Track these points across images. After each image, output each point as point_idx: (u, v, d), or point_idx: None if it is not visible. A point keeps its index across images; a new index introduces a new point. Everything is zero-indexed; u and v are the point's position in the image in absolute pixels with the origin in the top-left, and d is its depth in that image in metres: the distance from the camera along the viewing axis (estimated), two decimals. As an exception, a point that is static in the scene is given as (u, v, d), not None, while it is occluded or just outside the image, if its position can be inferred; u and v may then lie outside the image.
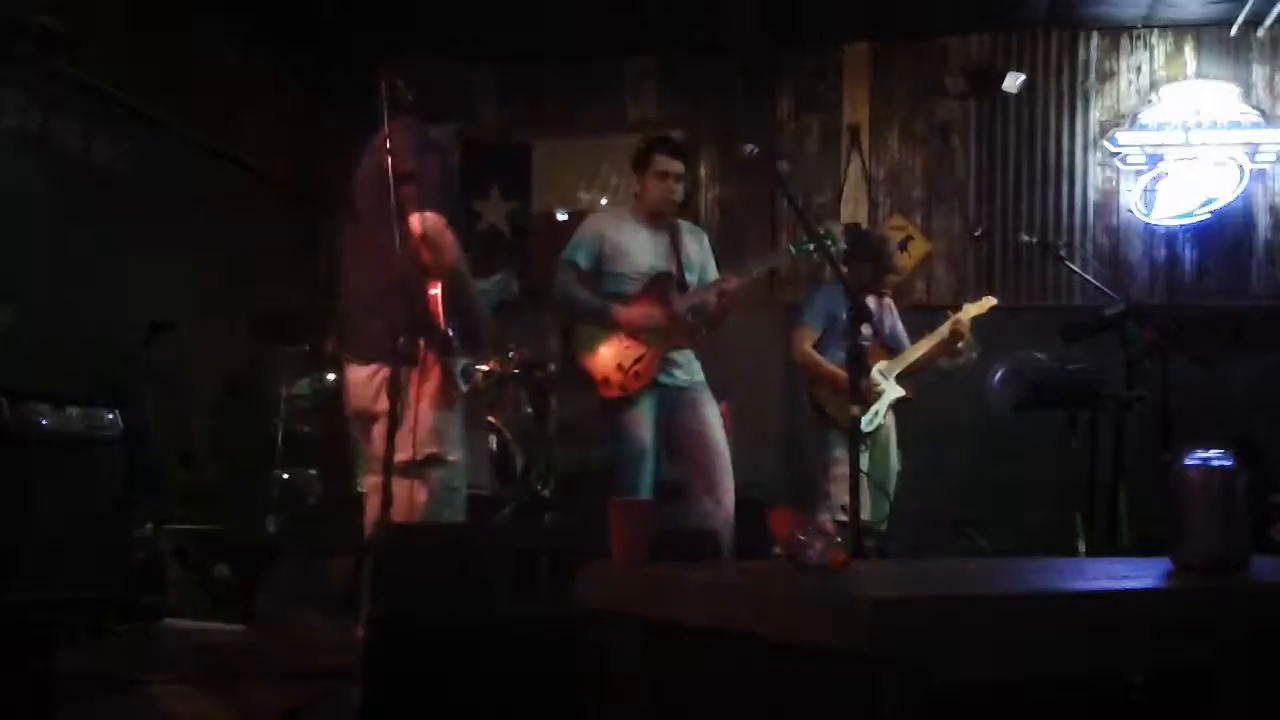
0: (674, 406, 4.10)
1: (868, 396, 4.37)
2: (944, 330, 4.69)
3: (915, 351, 4.74)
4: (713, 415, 4.15)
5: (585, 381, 4.12)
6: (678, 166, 4.14)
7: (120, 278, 5.18)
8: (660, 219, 4.19)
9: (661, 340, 4.04)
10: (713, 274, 4.25)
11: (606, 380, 4.05)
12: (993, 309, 4.82)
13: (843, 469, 4.35)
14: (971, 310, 4.75)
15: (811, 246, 4.04)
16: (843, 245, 4.24)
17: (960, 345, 4.71)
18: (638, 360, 4.03)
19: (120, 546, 4.02)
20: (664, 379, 4.08)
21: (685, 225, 4.35)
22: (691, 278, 4.17)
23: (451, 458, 3.28)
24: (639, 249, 4.15)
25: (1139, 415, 4.04)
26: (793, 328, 4.74)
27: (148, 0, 5.52)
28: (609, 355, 4.06)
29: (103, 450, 3.95)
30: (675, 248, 4.18)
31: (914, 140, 6.85)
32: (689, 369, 4.18)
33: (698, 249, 4.28)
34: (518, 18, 6.46)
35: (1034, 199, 6.69)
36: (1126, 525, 3.97)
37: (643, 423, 4.02)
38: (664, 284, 4.11)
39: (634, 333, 4.04)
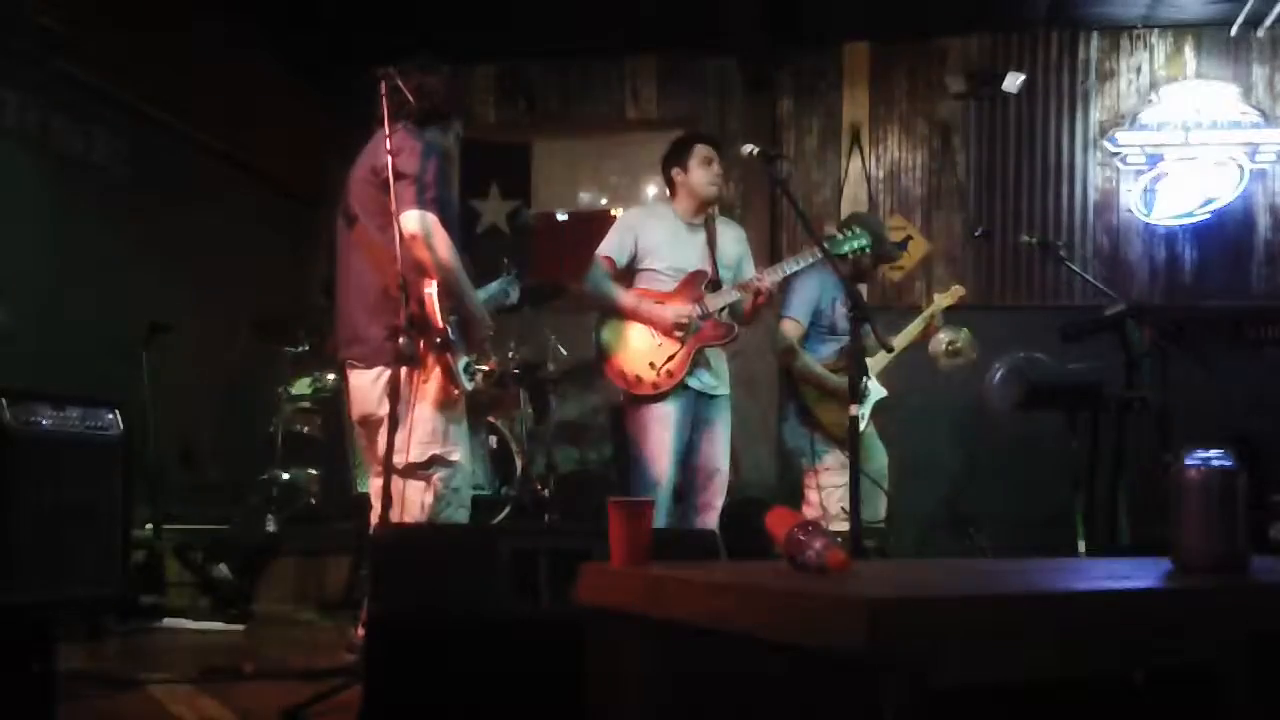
0: (702, 416, 4.09)
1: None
2: (918, 324, 4.64)
3: (895, 347, 4.60)
4: (727, 434, 4.15)
5: (614, 380, 4.07)
6: (715, 154, 4.17)
7: (120, 278, 5.18)
8: (702, 211, 4.18)
9: (694, 338, 4.03)
10: (749, 270, 4.23)
11: (638, 378, 4.01)
12: (963, 298, 4.77)
13: (830, 476, 4.34)
14: (943, 301, 4.71)
15: (849, 247, 4.04)
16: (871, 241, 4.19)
17: (958, 344, 4.69)
18: (670, 358, 4.00)
19: (120, 546, 4.02)
20: (693, 382, 4.05)
21: (722, 221, 4.32)
22: (727, 275, 4.14)
23: (454, 458, 3.28)
24: (674, 246, 4.13)
25: (1139, 415, 4.04)
26: (778, 322, 4.57)
27: (148, 0, 5.52)
28: (641, 353, 4.02)
29: (103, 450, 3.95)
30: (711, 245, 4.16)
31: (914, 140, 6.85)
32: (719, 375, 4.15)
33: (735, 246, 4.26)
34: (517, 18, 6.46)
35: (1034, 199, 6.69)
36: (1126, 525, 3.97)
37: (669, 423, 3.99)
38: (698, 281, 4.09)
39: (665, 330, 4.02)
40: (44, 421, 3.72)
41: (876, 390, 4.56)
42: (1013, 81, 6.58)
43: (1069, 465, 4.20)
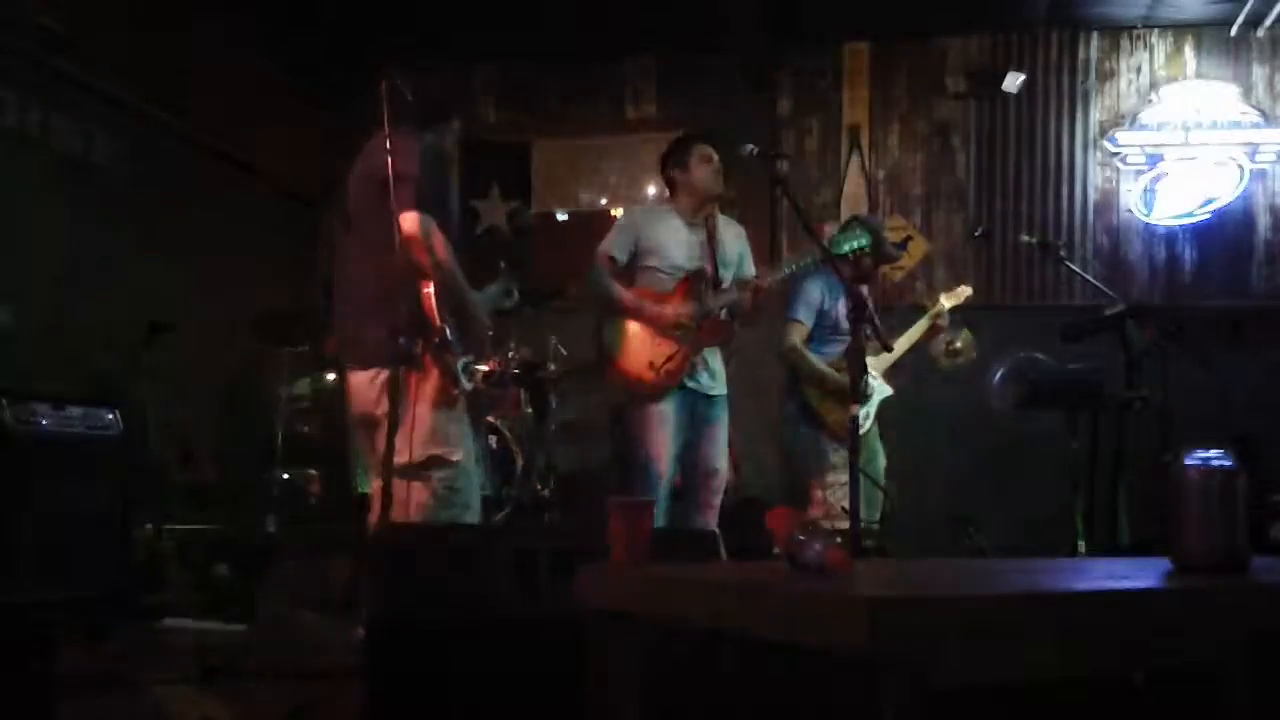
0: (700, 416, 4.08)
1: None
2: (924, 324, 4.64)
3: (900, 348, 4.63)
4: (725, 434, 4.15)
5: (616, 380, 4.06)
6: (715, 153, 4.17)
7: (120, 278, 5.18)
8: (703, 210, 4.18)
9: (694, 338, 4.03)
10: (750, 268, 4.23)
11: (639, 378, 4.01)
12: (969, 299, 4.77)
13: (837, 475, 4.34)
14: (948, 301, 4.71)
15: (849, 246, 4.01)
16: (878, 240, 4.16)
17: (958, 344, 4.69)
18: (669, 358, 3.99)
19: (120, 546, 4.02)
20: (691, 383, 4.05)
21: (723, 219, 4.31)
22: (727, 274, 4.14)
23: (454, 458, 3.28)
24: (675, 245, 4.12)
25: (1139, 415, 4.04)
26: (783, 323, 4.60)
27: (148, 0, 5.52)
28: (641, 353, 4.02)
29: (103, 450, 3.95)
30: (711, 244, 4.15)
31: (914, 140, 6.85)
32: (716, 375, 4.15)
33: (735, 244, 4.25)
34: (518, 18, 6.46)
35: (1034, 199, 6.70)
36: (1126, 525, 3.96)
37: (667, 423, 3.99)
38: (698, 281, 4.08)
39: (665, 330, 4.01)
40: (44, 421, 3.74)
41: (881, 389, 4.56)
42: (1013, 81, 6.58)
43: (1069, 465, 4.20)
